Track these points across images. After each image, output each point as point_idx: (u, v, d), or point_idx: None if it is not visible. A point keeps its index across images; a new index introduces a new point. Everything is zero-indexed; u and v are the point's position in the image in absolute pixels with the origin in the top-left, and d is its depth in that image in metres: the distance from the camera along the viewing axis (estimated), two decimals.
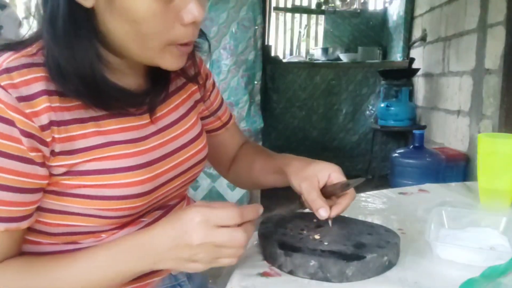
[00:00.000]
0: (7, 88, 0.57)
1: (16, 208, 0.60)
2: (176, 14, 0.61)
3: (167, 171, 0.72)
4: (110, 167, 0.64)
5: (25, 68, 0.60)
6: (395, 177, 3.09)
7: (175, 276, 0.77)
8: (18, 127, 0.57)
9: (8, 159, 0.57)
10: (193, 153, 0.78)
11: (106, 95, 0.64)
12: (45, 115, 0.60)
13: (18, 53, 0.62)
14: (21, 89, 0.58)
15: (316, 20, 5.70)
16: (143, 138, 0.70)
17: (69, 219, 0.65)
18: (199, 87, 0.82)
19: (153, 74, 0.72)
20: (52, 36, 0.60)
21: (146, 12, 0.59)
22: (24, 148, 0.58)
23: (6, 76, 0.58)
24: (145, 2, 0.58)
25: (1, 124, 0.57)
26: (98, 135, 0.65)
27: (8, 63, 0.60)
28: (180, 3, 0.61)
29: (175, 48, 0.64)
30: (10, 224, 0.60)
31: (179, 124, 0.76)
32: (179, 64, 0.67)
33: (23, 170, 0.59)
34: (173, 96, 0.78)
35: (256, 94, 3.03)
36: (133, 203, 0.67)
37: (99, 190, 0.64)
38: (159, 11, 0.59)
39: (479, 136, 0.91)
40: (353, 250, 0.62)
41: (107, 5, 0.59)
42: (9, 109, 0.57)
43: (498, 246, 0.66)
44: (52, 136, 0.60)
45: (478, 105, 2.73)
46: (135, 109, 0.69)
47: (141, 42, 0.62)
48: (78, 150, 0.63)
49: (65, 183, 0.63)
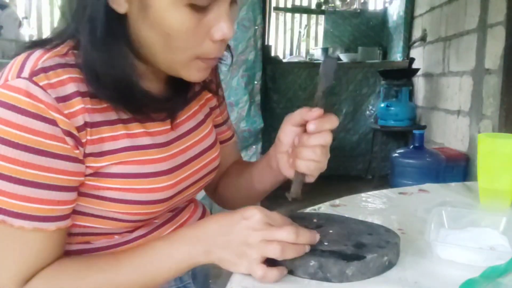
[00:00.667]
0: (46, 89, 0.57)
1: (64, 207, 0.60)
2: (207, 30, 0.61)
3: (186, 178, 0.73)
4: (136, 171, 0.64)
5: (60, 68, 0.60)
6: (395, 177, 3.09)
7: (180, 278, 0.76)
8: (60, 126, 0.58)
9: (55, 159, 0.58)
10: (209, 161, 0.78)
11: (136, 100, 0.64)
12: (80, 116, 0.60)
13: (49, 52, 0.62)
14: (58, 90, 0.59)
15: (316, 20, 5.69)
16: (166, 143, 0.70)
17: (86, 220, 0.66)
18: (213, 94, 0.83)
19: (174, 80, 0.71)
20: (90, 40, 0.60)
21: (179, 27, 0.59)
22: (69, 147, 0.59)
23: (43, 76, 0.58)
24: (179, 16, 0.58)
25: (45, 124, 0.57)
26: (127, 137, 0.65)
27: (43, 62, 0.60)
28: (212, 20, 0.61)
29: (201, 61, 0.64)
30: (60, 222, 0.60)
31: (197, 131, 0.77)
32: (202, 77, 0.67)
33: (69, 169, 0.60)
34: (191, 103, 0.78)
35: (256, 94, 3.04)
36: (153, 208, 0.67)
37: (122, 193, 0.64)
38: (192, 27, 0.60)
39: (479, 136, 0.91)
40: (353, 250, 0.62)
41: (140, 13, 0.59)
42: (51, 109, 0.57)
43: (498, 246, 0.66)
44: (86, 138, 0.61)
45: (478, 105, 2.73)
46: (157, 115, 0.69)
47: (169, 54, 0.62)
48: (106, 152, 0.63)
49: (90, 184, 0.63)
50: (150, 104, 0.66)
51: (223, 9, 0.61)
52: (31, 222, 0.58)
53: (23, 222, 0.57)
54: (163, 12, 0.58)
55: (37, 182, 0.57)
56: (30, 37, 2.86)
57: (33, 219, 0.58)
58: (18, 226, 0.57)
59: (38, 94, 0.57)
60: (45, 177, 0.58)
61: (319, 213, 0.82)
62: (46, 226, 0.59)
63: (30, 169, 0.57)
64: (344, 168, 4.30)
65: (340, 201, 0.93)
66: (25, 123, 0.56)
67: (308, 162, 0.67)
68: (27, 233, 0.58)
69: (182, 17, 0.58)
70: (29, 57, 0.61)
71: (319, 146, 0.67)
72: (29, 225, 0.58)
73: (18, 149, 0.56)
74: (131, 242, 0.70)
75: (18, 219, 0.57)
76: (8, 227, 0.57)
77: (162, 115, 0.70)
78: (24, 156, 0.56)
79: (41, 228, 0.58)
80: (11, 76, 0.58)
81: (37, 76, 0.58)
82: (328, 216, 0.76)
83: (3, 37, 2.66)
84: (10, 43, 2.67)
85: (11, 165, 0.56)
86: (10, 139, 0.56)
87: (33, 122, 0.56)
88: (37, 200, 0.57)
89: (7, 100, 0.56)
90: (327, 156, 0.69)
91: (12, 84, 0.57)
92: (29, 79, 0.57)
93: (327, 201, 0.92)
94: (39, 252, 0.60)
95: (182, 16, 0.58)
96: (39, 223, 0.58)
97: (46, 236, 0.60)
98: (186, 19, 0.59)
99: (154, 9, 0.58)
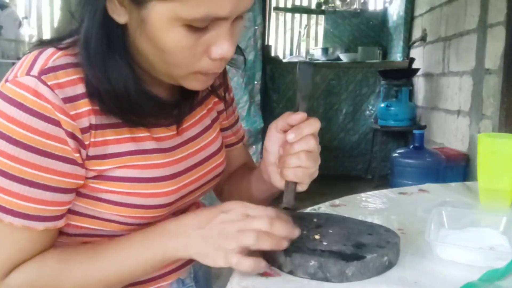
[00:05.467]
0: (54, 89, 0.57)
1: (56, 208, 0.60)
2: (205, 48, 0.59)
3: (190, 184, 0.72)
4: (139, 176, 0.64)
5: (71, 67, 0.60)
6: (395, 177, 3.09)
7: (183, 280, 0.76)
8: (64, 128, 0.58)
9: (54, 160, 0.58)
10: (214, 167, 0.77)
11: (140, 112, 0.63)
12: (86, 118, 0.60)
13: (61, 51, 0.61)
14: (67, 89, 0.58)
15: (316, 20, 5.69)
16: (171, 149, 0.69)
17: (89, 222, 0.66)
18: (220, 99, 0.81)
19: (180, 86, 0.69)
20: (85, 57, 0.59)
21: (175, 45, 0.57)
22: (70, 149, 0.59)
23: (52, 75, 0.58)
24: (175, 36, 0.56)
25: (48, 125, 0.57)
26: (132, 141, 0.64)
27: (53, 61, 0.59)
28: (211, 38, 0.58)
29: (201, 75, 0.63)
30: (49, 223, 0.60)
31: (202, 136, 0.76)
32: (204, 87, 0.66)
33: (67, 171, 0.59)
34: (198, 107, 0.77)
35: (256, 94, 3.04)
36: (156, 212, 0.67)
37: (125, 197, 0.63)
38: (189, 46, 0.57)
39: (479, 136, 0.91)
40: (353, 250, 0.62)
41: (138, 25, 0.58)
42: (56, 110, 0.57)
43: (498, 246, 0.66)
44: (89, 140, 0.61)
45: (478, 105, 2.73)
46: (163, 120, 0.68)
47: (167, 68, 0.61)
48: (110, 155, 0.62)
49: (93, 186, 0.63)
50: (155, 111, 0.65)
51: (224, 28, 0.58)
52: (21, 219, 0.58)
53: (13, 219, 0.57)
54: (159, 30, 0.56)
55: (33, 181, 0.57)
56: (30, 37, 2.86)
57: (23, 217, 0.58)
58: (7, 222, 0.57)
59: (46, 94, 0.56)
60: (42, 177, 0.58)
61: (319, 213, 0.82)
62: (35, 225, 0.59)
63: (27, 168, 0.56)
64: (344, 168, 4.30)
65: (340, 201, 0.93)
66: (29, 122, 0.56)
67: (295, 169, 0.65)
68: (15, 230, 0.58)
69: (178, 37, 0.56)
70: (40, 54, 0.60)
71: (304, 152, 0.64)
72: (19, 222, 0.58)
73: (18, 146, 0.56)
74: None
75: (8, 215, 0.57)
76: None
77: (168, 121, 0.69)
78: (23, 154, 0.56)
79: (30, 226, 0.58)
80: (21, 73, 0.58)
81: (46, 75, 0.57)
82: (328, 216, 0.76)
83: (3, 37, 2.66)
84: (10, 43, 2.67)
85: (10, 161, 0.56)
86: (12, 136, 0.56)
87: (37, 121, 0.56)
88: (30, 199, 0.57)
89: (14, 96, 0.56)
90: (315, 161, 0.66)
91: (21, 81, 0.57)
92: (38, 78, 0.57)
93: (327, 201, 0.91)
94: (24, 249, 0.60)
95: (178, 36, 0.56)
96: (28, 222, 0.58)
97: (33, 235, 0.60)
98: (183, 38, 0.56)
99: (151, 26, 0.56)
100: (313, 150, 0.65)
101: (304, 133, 0.64)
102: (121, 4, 0.57)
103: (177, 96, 0.71)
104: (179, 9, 0.53)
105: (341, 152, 4.24)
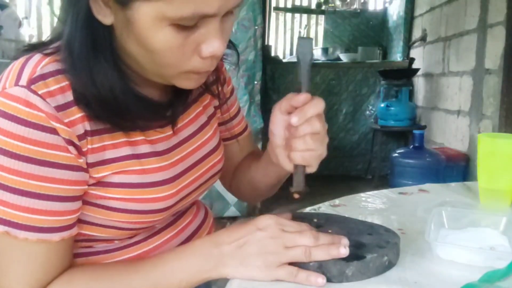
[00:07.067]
0: (45, 97, 0.56)
1: (68, 217, 0.59)
2: (195, 46, 0.57)
3: (188, 185, 0.71)
4: (137, 181, 0.63)
5: (60, 74, 0.58)
6: (395, 177, 3.09)
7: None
8: (62, 135, 0.56)
9: (59, 169, 0.57)
10: (212, 165, 0.76)
11: (130, 116, 0.62)
12: (80, 125, 0.58)
13: (48, 57, 0.59)
14: (58, 97, 0.57)
15: (316, 20, 5.69)
16: (167, 151, 0.68)
17: (87, 228, 0.65)
18: (214, 96, 0.79)
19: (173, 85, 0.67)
20: (69, 61, 0.58)
21: (164, 45, 0.55)
22: (72, 155, 0.58)
23: (42, 84, 0.56)
24: (163, 36, 0.54)
25: (46, 134, 0.55)
26: (128, 145, 0.63)
27: (41, 68, 0.58)
28: (201, 36, 0.56)
29: (193, 74, 0.61)
30: (64, 232, 0.59)
31: (199, 135, 0.74)
32: (196, 85, 0.65)
33: (74, 178, 0.58)
34: (193, 105, 0.75)
35: (256, 94, 3.04)
36: (154, 217, 0.66)
37: (123, 203, 0.63)
38: (177, 45, 0.56)
39: (479, 136, 0.91)
40: (353, 250, 0.62)
41: (125, 26, 0.56)
42: (51, 119, 0.56)
43: (498, 246, 0.66)
44: (87, 147, 0.59)
45: (478, 105, 2.73)
46: (157, 122, 0.67)
47: (157, 68, 0.60)
48: (108, 160, 0.61)
49: (91, 193, 0.62)
50: (146, 114, 0.64)
51: (213, 26, 0.56)
52: (35, 233, 0.56)
53: (27, 234, 0.56)
54: (146, 31, 0.54)
55: (40, 194, 0.56)
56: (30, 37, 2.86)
57: (37, 230, 0.56)
58: (22, 238, 0.56)
59: (37, 103, 0.55)
60: (49, 188, 0.56)
61: (319, 213, 0.82)
62: (50, 237, 0.58)
63: (33, 181, 0.55)
64: (344, 168, 4.29)
65: (340, 201, 0.93)
66: (26, 134, 0.54)
67: (302, 153, 0.64)
68: (31, 244, 0.57)
69: (166, 37, 0.55)
70: (27, 62, 0.58)
71: (309, 135, 0.63)
72: (33, 236, 0.56)
73: (20, 160, 0.55)
74: (131, 246, 0.70)
75: (22, 231, 0.56)
76: (13, 238, 0.56)
77: (161, 122, 0.68)
78: (26, 167, 0.55)
79: (45, 239, 0.57)
80: (9, 84, 0.56)
81: (35, 84, 0.56)
82: (328, 216, 0.76)
83: (3, 37, 2.66)
84: (10, 43, 2.67)
85: (14, 176, 0.55)
86: (12, 150, 0.54)
87: (34, 132, 0.55)
88: (41, 211, 0.56)
89: (6, 109, 0.55)
90: (322, 142, 0.65)
91: (10, 93, 0.55)
92: (27, 87, 0.55)
93: (327, 201, 0.91)
94: (44, 264, 0.58)
95: (166, 36, 0.54)
96: (42, 234, 0.57)
97: (50, 247, 0.58)
98: (171, 38, 0.55)
99: (137, 27, 0.54)
100: (319, 132, 0.64)
101: (308, 115, 0.63)
102: (106, 5, 0.56)
103: (170, 96, 0.70)
104: (165, 8, 0.52)
105: (341, 152, 4.24)
